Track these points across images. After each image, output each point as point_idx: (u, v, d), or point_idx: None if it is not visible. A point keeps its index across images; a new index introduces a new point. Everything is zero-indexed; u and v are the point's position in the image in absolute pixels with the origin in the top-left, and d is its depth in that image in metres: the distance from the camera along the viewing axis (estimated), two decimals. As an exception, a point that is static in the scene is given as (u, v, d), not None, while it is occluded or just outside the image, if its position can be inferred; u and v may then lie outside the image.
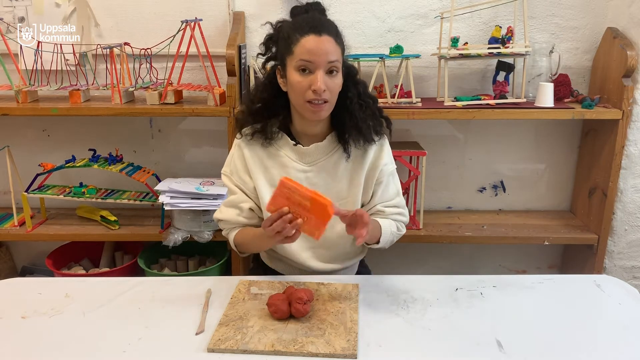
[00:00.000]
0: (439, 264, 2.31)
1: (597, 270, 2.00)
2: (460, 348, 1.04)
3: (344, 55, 1.30)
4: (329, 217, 1.09)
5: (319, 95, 1.22)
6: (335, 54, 1.23)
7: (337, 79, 1.25)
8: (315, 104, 1.24)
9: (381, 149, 1.37)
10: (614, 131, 1.87)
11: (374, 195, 1.39)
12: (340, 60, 1.25)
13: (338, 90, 1.28)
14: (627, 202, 1.99)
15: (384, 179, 1.38)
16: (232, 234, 1.40)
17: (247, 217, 1.37)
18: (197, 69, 2.05)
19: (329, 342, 1.04)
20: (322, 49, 1.21)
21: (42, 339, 1.07)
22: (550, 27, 2.02)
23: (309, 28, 1.23)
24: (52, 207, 2.14)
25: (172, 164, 2.19)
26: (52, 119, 2.13)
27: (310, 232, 1.14)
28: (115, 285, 1.28)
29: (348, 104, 1.32)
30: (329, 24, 1.26)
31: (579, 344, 1.07)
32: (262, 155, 1.35)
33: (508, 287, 1.28)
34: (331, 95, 1.25)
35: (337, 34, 1.27)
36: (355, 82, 1.34)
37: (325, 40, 1.22)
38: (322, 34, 1.22)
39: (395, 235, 1.40)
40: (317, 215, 1.10)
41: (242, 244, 1.38)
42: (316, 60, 1.21)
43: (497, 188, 2.23)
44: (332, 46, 1.23)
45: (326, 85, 1.23)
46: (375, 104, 1.37)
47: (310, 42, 1.22)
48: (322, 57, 1.21)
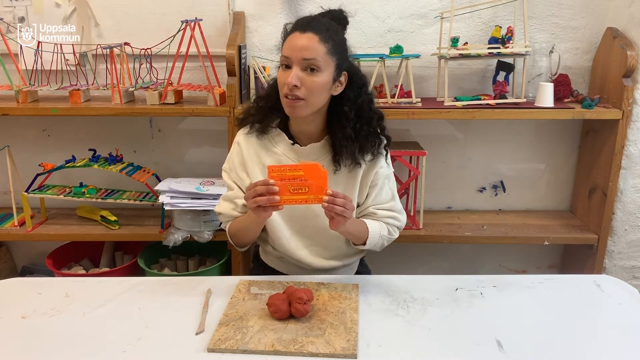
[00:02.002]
0: (439, 264, 2.30)
1: (597, 270, 2.00)
2: (460, 348, 1.04)
3: (340, 59, 1.26)
4: (324, 172, 1.14)
5: (290, 90, 1.22)
6: (314, 52, 1.21)
7: (316, 77, 1.22)
8: (289, 99, 1.24)
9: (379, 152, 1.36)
10: (614, 131, 1.87)
11: (368, 197, 1.38)
12: (321, 58, 1.22)
13: (320, 91, 1.25)
14: (627, 202, 1.99)
15: (379, 181, 1.37)
16: (227, 226, 1.41)
17: (242, 212, 1.38)
18: (197, 69, 2.05)
19: (329, 342, 1.04)
20: (298, 45, 1.21)
21: (42, 339, 1.07)
22: (550, 27, 2.02)
23: (296, 26, 1.25)
24: (52, 207, 2.14)
25: (172, 164, 2.19)
26: (52, 119, 2.13)
27: (315, 199, 1.16)
28: (115, 285, 1.28)
29: (343, 121, 1.29)
30: (319, 24, 1.24)
31: (578, 343, 1.07)
32: (260, 153, 1.36)
33: (508, 287, 1.28)
34: (308, 93, 1.23)
35: (327, 32, 1.23)
36: (358, 93, 1.31)
37: (305, 38, 1.21)
38: (306, 31, 1.22)
39: (386, 239, 1.40)
40: (314, 178, 1.14)
41: (235, 233, 1.39)
42: (291, 55, 1.22)
43: (497, 188, 2.23)
44: (312, 44, 1.21)
45: (301, 82, 1.22)
46: (379, 120, 1.33)
47: (292, 39, 1.23)
48: (297, 53, 1.21)
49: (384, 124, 1.35)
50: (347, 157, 1.31)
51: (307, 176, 1.15)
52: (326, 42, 1.23)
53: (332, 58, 1.24)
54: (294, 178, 1.15)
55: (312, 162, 1.17)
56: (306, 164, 1.16)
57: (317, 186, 1.15)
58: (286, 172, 1.15)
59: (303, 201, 1.16)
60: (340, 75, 1.28)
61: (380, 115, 1.35)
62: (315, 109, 1.27)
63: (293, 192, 1.16)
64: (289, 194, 1.16)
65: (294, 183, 1.15)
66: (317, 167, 1.15)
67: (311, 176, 1.15)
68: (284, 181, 1.15)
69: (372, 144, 1.32)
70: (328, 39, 1.24)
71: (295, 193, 1.16)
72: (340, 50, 1.27)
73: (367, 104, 1.32)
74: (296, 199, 1.16)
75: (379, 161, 1.36)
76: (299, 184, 1.15)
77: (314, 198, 1.16)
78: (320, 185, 1.15)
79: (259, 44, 2.02)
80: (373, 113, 1.33)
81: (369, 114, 1.32)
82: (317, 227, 1.37)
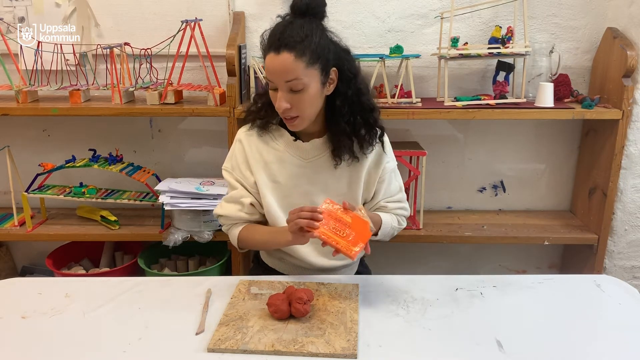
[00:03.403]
0: (439, 264, 2.31)
1: (597, 270, 2.00)
2: (460, 348, 1.04)
3: (323, 61, 1.22)
4: (368, 234, 1.15)
5: (283, 112, 1.23)
6: (295, 72, 1.18)
7: (304, 93, 1.21)
8: (287, 118, 1.26)
9: (382, 147, 1.37)
10: (614, 131, 1.87)
11: (377, 193, 1.40)
12: (302, 74, 1.19)
13: (310, 103, 1.24)
14: (627, 202, 1.99)
15: (387, 176, 1.39)
16: (234, 230, 1.39)
17: (249, 212, 1.37)
18: (197, 69, 2.05)
19: (329, 342, 1.04)
20: (277, 69, 1.19)
21: (42, 339, 1.07)
22: (550, 27, 2.02)
23: (270, 44, 1.20)
24: (52, 207, 2.14)
25: (172, 164, 2.19)
26: (52, 119, 2.13)
27: (346, 248, 1.15)
28: (115, 285, 1.28)
29: (337, 115, 1.29)
30: (291, 35, 1.18)
31: (578, 343, 1.07)
32: (262, 151, 1.36)
33: (508, 287, 1.28)
34: (300, 110, 1.24)
35: (302, 44, 1.18)
36: (348, 85, 1.28)
37: (281, 59, 1.18)
38: (281, 51, 1.18)
39: (396, 229, 1.43)
40: (357, 232, 1.15)
41: (246, 240, 1.38)
42: (275, 80, 1.21)
43: (497, 188, 2.23)
44: (289, 64, 1.18)
45: (291, 103, 1.22)
46: (371, 112, 1.31)
47: (269, 61, 1.20)
48: (278, 77, 1.20)
49: (375, 115, 1.33)
50: (346, 152, 1.31)
51: (353, 225, 1.17)
52: (302, 55, 1.18)
53: (314, 67, 1.21)
54: (340, 220, 1.17)
55: (365, 219, 1.20)
56: (359, 216, 1.19)
57: (355, 239, 1.16)
58: (337, 212, 1.19)
59: (335, 243, 1.15)
60: (329, 74, 1.25)
61: (372, 106, 1.32)
62: (313, 117, 1.28)
63: (332, 230, 1.16)
64: (327, 229, 1.16)
65: (338, 224, 1.17)
66: (366, 225, 1.18)
67: (356, 228, 1.17)
68: (331, 217, 1.17)
69: (368, 137, 1.32)
70: (304, 51, 1.18)
71: (334, 232, 1.16)
72: (322, 52, 1.22)
73: (358, 95, 1.30)
74: (332, 237, 1.16)
75: (384, 157, 1.37)
76: (341, 227, 1.17)
77: (345, 246, 1.15)
78: (356, 240, 1.16)
79: (259, 44, 2.01)
80: (364, 104, 1.30)
81: (359, 106, 1.30)
82: None
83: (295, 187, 1.35)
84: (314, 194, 1.36)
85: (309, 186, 1.35)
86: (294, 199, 1.36)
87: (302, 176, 1.35)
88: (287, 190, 1.36)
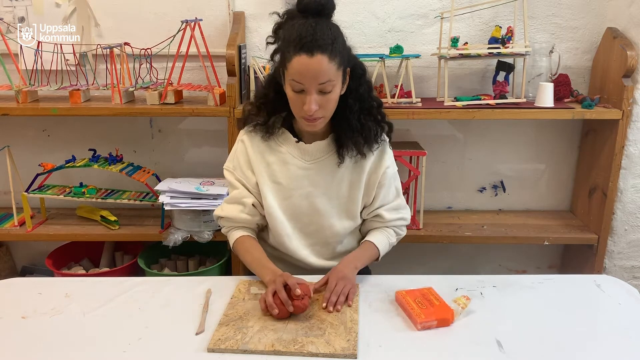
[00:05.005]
0: (439, 264, 2.31)
1: (597, 270, 2.00)
2: (460, 348, 1.04)
3: (344, 62, 1.23)
4: (447, 324, 1.12)
5: (311, 115, 1.22)
6: (328, 73, 1.17)
7: (332, 94, 1.21)
8: (309, 119, 1.24)
9: (383, 151, 1.37)
10: (614, 131, 1.87)
11: (376, 198, 1.39)
12: (334, 76, 1.19)
13: (334, 103, 1.24)
14: (627, 202, 1.99)
15: (386, 181, 1.38)
16: (233, 234, 1.39)
17: (250, 213, 1.37)
18: (197, 69, 2.05)
19: (329, 342, 1.04)
20: (312, 72, 1.16)
21: (42, 339, 1.07)
22: (550, 27, 2.02)
23: (301, 46, 1.15)
24: (52, 207, 2.14)
25: (172, 164, 2.19)
26: (52, 119, 2.13)
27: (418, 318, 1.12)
28: (115, 285, 1.28)
29: (347, 113, 1.29)
30: (322, 37, 1.16)
31: (579, 343, 1.07)
32: (264, 151, 1.35)
33: (508, 287, 1.28)
34: (326, 110, 1.23)
35: (333, 46, 1.17)
36: (359, 82, 1.29)
37: (316, 62, 1.15)
38: (315, 53, 1.14)
39: (395, 241, 1.44)
40: (437, 316, 1.11)
41: (238, 252, 1.37)
42: (307, 82, 1.17)
43: (497, 188, 2.23)
44: (324, 65, 1.16)
45: (319, 104, 1.20)
46: (378, 108, 1.33)
47: (301, 64, 1.16)
48: (312, 79, 1.17)
49: (383, 111, 1.35)
50: (352, 148, 1.30)
51: (437, 307, 1.14)
52: (335, 57, 1.18)
53: (341, 68, 1.22)
54: (427, 298, 1.17)
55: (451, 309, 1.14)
56: (447, 304, 1.15)
57: (431, 318, 1.11)
58: (429, 295, 1.19)
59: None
60: (346, 75, 1.26)
61: (379, 102, 1.34)
62: (330, 117, 1.28)
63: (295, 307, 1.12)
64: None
65: (422, 300, 1.16)
66: (451, 314, 1.13)
67: (438, 313, 1.12)
68: (419, 292, 1.19)
69: (375, 133, 1.32)
70: (335, 52, 1.18)
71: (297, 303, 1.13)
72: (344, 54, 1.23)
73: (368, 92, 1.31)
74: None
75: (384, 162, 1.36)
76: (424, 302, 1.15)
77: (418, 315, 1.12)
78: (431, 319, 1.11)
79: (259, 44, 2.02)
80: (372, 100, 1.32)
81: (369, 102, 1.31)
82: (319, 225, 1.37)
83: (296, 189, 1.35)
84: (315, 196, 1.35)
85: (310, 188, 1.35)
86: (295, 200, 1.35)
87: (304, 178, 1.34)
88: (288, 191, 1.35)
